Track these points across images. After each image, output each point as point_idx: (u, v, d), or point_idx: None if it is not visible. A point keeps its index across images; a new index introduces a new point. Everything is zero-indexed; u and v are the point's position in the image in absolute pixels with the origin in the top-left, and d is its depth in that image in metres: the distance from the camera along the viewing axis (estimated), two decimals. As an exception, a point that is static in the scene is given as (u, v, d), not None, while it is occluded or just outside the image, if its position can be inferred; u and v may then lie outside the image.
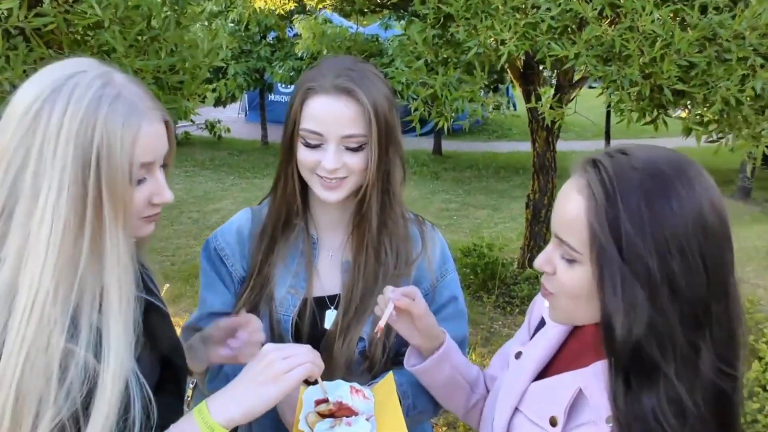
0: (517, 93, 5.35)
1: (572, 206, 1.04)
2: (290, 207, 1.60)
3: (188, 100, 2.46)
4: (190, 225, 8.28)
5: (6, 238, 1.03)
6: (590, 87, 5.34)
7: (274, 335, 1.57)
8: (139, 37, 2.45)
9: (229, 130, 14.87)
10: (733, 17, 2.65)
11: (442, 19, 3.66)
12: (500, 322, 5.31)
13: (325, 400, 1.32)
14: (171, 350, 1.29)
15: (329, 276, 1.63)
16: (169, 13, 2.46)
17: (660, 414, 0.99)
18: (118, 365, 1.07)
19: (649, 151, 1.04)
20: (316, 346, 1.50)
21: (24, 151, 1.03)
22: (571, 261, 1.06)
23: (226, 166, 12.22)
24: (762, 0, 2.56)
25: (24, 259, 1.02)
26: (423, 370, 1.45)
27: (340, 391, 1.36)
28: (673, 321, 0.98)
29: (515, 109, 16.63)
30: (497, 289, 5.74)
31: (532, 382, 1.24)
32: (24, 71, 2.16)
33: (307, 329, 1.57)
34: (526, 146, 6.90)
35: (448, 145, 14.65)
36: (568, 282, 1.07)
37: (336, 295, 1.61)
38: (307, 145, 1.48)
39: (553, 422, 1.14)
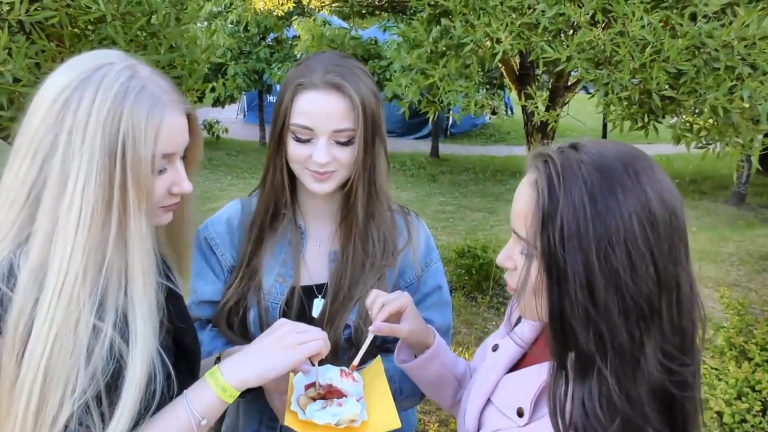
0: (514, 97, 5.38)
1: (523, 201, 1.06)
2: (279, 199, 1.64)
3: (186, 95, 2.49)
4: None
5: (33, 220, 1.07)
6: (587, 93, 5.38)
7: (263, 324, 1.61)
8: (140, 33, 2.49)
9: (227, 130, 14.90)
10: (722, 26, 2.69)
11: (437, 15, 3.71)
12: (494, 323, 5.35)
13: (313, 385, 1.37)
14: (185, 333, 1.34)
15: (316, 265, 1.67)
16: (169, 9, 2.50)
17: (589, 407, 1.00)
18: (144, 348, 1.11)
19: (600, 146, 1.05)
20: None
21: (52, 138, 1.07)
22: (529, 256, 1.07)
23: (224, 166, 12.24)
24: (750, 11, 2.60)
25: (53, 242, 1.05)
26: (412, 367, 1.49)
27: (330, 374, 1.41)
28: (614, 316, 0.98)
29: (512, 114, 16.63)
30: (491, 290, 5.78)
31: (505, 374, 1.28)
32: (26, 65, 2.20)
33: (295, 317, 1.61)
34: (523, 150, 6.94)
35: (446, 149, 14.69)
36: (528, 276, 1.08)
37: (323, 284, 1.65)
38: (298, 140, 1.52)
39: (520, 413, 1.16)
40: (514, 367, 1.29)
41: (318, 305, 1.64)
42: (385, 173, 1.64)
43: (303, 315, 1.63)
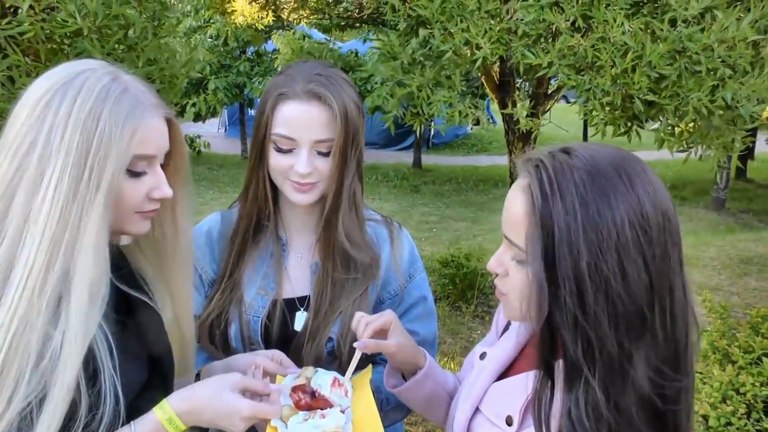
0: (495, 108, 5.38)
1: (515, 206, 1.04)
2: (261, 210, 1.61)
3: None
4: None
5: (6, 215, 1.07)
6: (568, 102, 5.40)
7: (244, 338, 1.58)
8: (117, 46, 2.45)
9: (208, 145, 14.84)
10: (702, 30, 2.71)
11: (415, 25, 3.70)
12: (479, 332, 5.33)
13: (302, 387, 1.34)
14: (160, 349, 1.31)
15: (299, 278, 1.64)
16: (146, 23, 2.47)
17: (576, 417, 0.98)
18: (75, 351, 1.07)
19: (592, 150, 1.03)
20: (286, 346, 1.53)
21: (32, 137, 1.08)
22: (520, 262, 1.05)
23: (206, 181, 12.17)
24: (728, 14, 2.62)
25: (23, 236, 1.05)
26: (406, 389, 1.45)
27: (321, 380, 1.37)
28: (603, 324, 0.95)
29: (495, 124, 16.73)
30: (476, 299, 5.77)
31: (494, 383, 1.25)
32: (1, 81, 2.16)
33: (277, 330, 1.58)
34: (505, 160, 6.96)
35: (428, 159, 14.74)
36: (518, 283, 1.07)
37: (305, 297, 1.62)
38: (279, 150, 1.50)
39: (509, 421, 1.15)
40: (503, 375, 1.27)
41: (300, 318, 1.60)
42: (361, 185, 1.62)
43: (285, 328, 1.59)
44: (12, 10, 2.27)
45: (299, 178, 1.49)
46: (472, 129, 18.62)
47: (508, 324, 1.36)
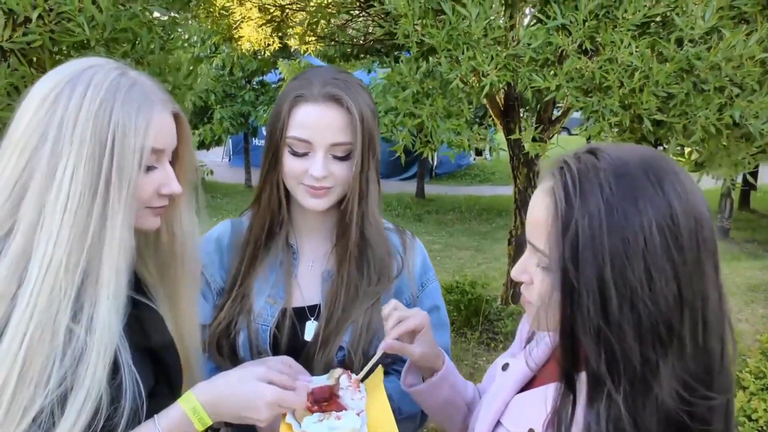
0: (499, 137, 5.38)
1: (539, 210, 1.00)
2: (274, 216, 1.58)
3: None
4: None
5: (18, 209, 1.06)
6: (570, 134, 5.41)
7: (252, 348, 1.54)
8: (123, 59, 2.45)
9: (212, 172, 14.88)
10: (709, 49, 2.71)
11: (424, 53, 3.72)
12: (484, 358, 5.26)
13: (312, 393, 1.30)
14: (163, 350, 1.29)
15: (309, 286, 1.60)
16: (154, 36, 2.48)
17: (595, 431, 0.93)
18: (104, 345, 1.07)
19: (620, 150, 0.98)
20: (295, 356, 1.47)
21: (42, 131, 1.07)
22: (545, 269, 1.00)
23: (209, 209, 11.95)
24: (735, 33, 2.63)
25: (38, 229, 1.04)
26: (421, 391, 1.42)
27: (336, 374, 1.37)
28: (628, 336, 0.90)
29: (497, 154, 16.65)
30: (481, 326, 5.71)
31: (516, 394, 1.21)
32: (6, 90, 2.16)
33: (286, 340, 1.54)
34: (508, 190, 6.96)
35: (431, 189, 14.76)
36: (543, 290, 1.01)
37: (316, 306, 1.59)
38: (294, 154, 1.47)
39: None
40: (525, 387, 1.22)
41: (311, 328, 1.56)
42: (378, 193, 1.59)
43: (295, 338, 1.55)
44: (22, 22, 2.28)
45: (314, 182, 1.46)
46: (474, 160, 18.71)
47: (533, 334, 1.31)
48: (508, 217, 10.66)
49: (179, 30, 2.66)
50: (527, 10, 3.95)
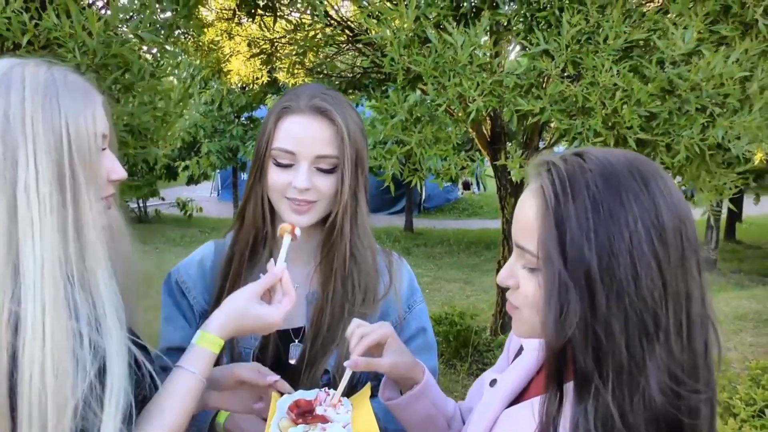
0: (485, 171, 5.42)
1: (527, 210, 1.01)
2: (258, 232, 1.56)
3: (158, 146, 2.48)
4: (159, 300, 8.11)
5: None
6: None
7: None
8: (113, 86, 2.47)
9: (201, 209, 14.86)
10: (690, 70, 2.77)
11: (411, 80, 3.77)
12: (474, 389, 5.22)
13: (297, 405, 1.29)
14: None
15: (294, 308, 1.54)
16: (145, 64, 2.50)
17: (584, 429, 0.93)
18: (118, 338, 1.08)
19: (606, 153, 1.00)
20: None
21: None
22: (532, 270, 1.01)
23: (197, 243, 11.87)
24: (714, 53, 2.68)
25: (17, 227, 1.03)
26: (400, 405, 1.40)
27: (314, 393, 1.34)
28: (615, 329, 0.91)
29: (485, 189, 16.86)
30: (470, 357, 5.68)
31: (505, 409, 1.20)
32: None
33: (270, 364, 1.50)
34: (496, 223, 6.99)
35: (419, 223, 14.78)
36: (531, 293, 1.02)
37: (300, 328, 1.56)
38: (279, 165, 1.46)
39: None
40: (514, 401, 1.21)
41: (295, 350, 1.54)
42: (367, 212, 1.57)
43: (278, 361, 1.53)
44: (11, 48, 2.30)
45: (297, 194, 1.45)
46: (462, 193, 18.79)
47: (520, 349, 1.31)
48: (496, 249, 10.66)
49: (167, 56, 2.69)
50: (511, 38, 4.03)
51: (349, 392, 1.38)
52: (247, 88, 8.99)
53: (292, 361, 1.53)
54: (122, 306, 1.12)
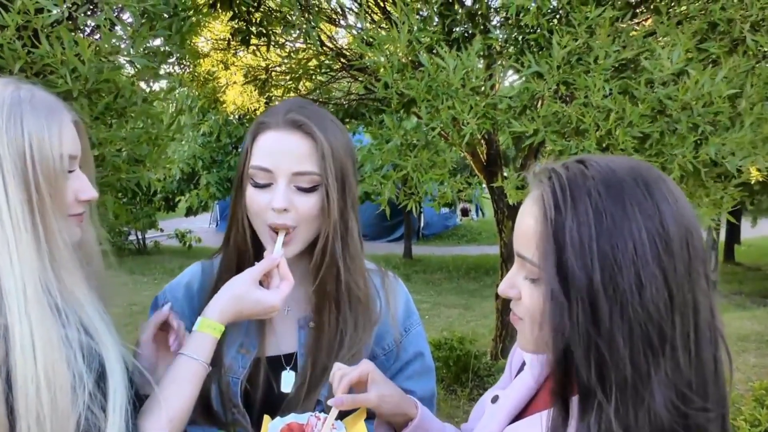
0: (482, 193, 5.43)
1: (527, 219, 0.99)
2: (242, 255, 1.48)
3: (150, 171, 2.47)
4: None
5: None
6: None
7: (224, 399, 1.45)
8: (105, 112, 2.47)
9: (200, 240, 14.85)
10: (679, 90, 2.78)
11: (405, 104, 3.79)
12: (475, 415, 5.16)
13: (290, 428, 1.26)
14: None
15: (285, 333, 1.52)
16: (136, 89, 2.51)
17: None
18: (109, 338, 1.09)
19: (608, 160, 0.97)
20: (271, 409, 1.40)
21: None
22: (534, 280, 0.98)
23: None
24: (702, 72, 2.69)
25: None
26: None
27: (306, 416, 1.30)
28: (619, 343, 0.88)
29: (483, 216, 16.83)
30: (471, 382, 5.62)
31: (508, 425, 1.17)
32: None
33: (261, 393, 1.46)
34: (495, 249, 6.98)
35: (418, 250, 14.78)
36: (533, 303, 0.99)
37: (292, 354, 1.50)
38: (256, 185, 1.39)
39: None
40: (517, 417, 1.19)
41: (287, 378, 1.48)
42: (358, 234, 1.50)
43: (270, 389, 1.47)
44: (8, 74, 2.30)
45: (276, 218, 1.37)
46: (461, 220, 18.81)
47: (523, 365, 1.28)
48: (495, 275, 10.63)
49: (160, 82, 2.70)
50: (504, 62, 4.06)
51: (343, 414, 1.33)
52: (244, 119, 9.06)
53: (287, 390, 1.47)
54: (108, 313, 1.13)
